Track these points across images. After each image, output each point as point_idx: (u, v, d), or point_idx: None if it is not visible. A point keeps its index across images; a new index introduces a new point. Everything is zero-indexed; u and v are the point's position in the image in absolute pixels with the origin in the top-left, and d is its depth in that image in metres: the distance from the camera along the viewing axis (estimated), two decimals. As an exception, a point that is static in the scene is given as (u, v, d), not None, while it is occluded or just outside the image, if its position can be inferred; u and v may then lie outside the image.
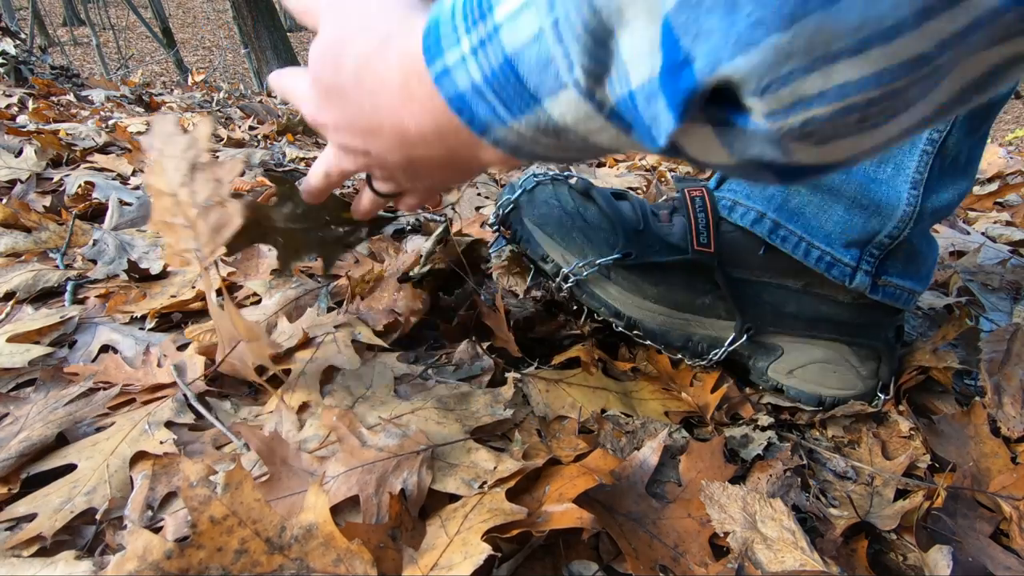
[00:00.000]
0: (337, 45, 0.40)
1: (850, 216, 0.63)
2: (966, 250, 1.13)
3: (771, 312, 0.68)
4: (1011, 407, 0.63)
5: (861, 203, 0.62)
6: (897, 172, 0.61)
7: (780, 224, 0.65)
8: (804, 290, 0.67)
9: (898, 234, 0.62)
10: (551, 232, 0.67)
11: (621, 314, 0.68)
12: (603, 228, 0.67)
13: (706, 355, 0.70)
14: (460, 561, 0.40)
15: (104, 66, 10.01)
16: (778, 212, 0.65)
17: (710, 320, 0.69)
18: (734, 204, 0.68)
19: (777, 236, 0.65)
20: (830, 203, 0.64)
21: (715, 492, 0.50)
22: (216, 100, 3.04)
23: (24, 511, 0.47)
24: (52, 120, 1.88)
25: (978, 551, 0.50)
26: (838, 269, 0.64)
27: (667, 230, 0.68)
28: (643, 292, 0.67)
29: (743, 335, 0.68)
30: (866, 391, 0.69)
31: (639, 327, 0.69)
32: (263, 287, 0.81)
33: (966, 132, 0.61)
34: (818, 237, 0.64)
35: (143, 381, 0.64)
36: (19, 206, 1.02)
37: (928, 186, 0.61)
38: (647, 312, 0.68)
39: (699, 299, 0.68)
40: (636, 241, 0.66)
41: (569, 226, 0.67)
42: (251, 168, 1.54)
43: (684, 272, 0.67)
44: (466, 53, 0.31)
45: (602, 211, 0.68)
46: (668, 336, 0.70)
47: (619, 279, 0.67)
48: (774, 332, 0.69)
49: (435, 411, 0.58)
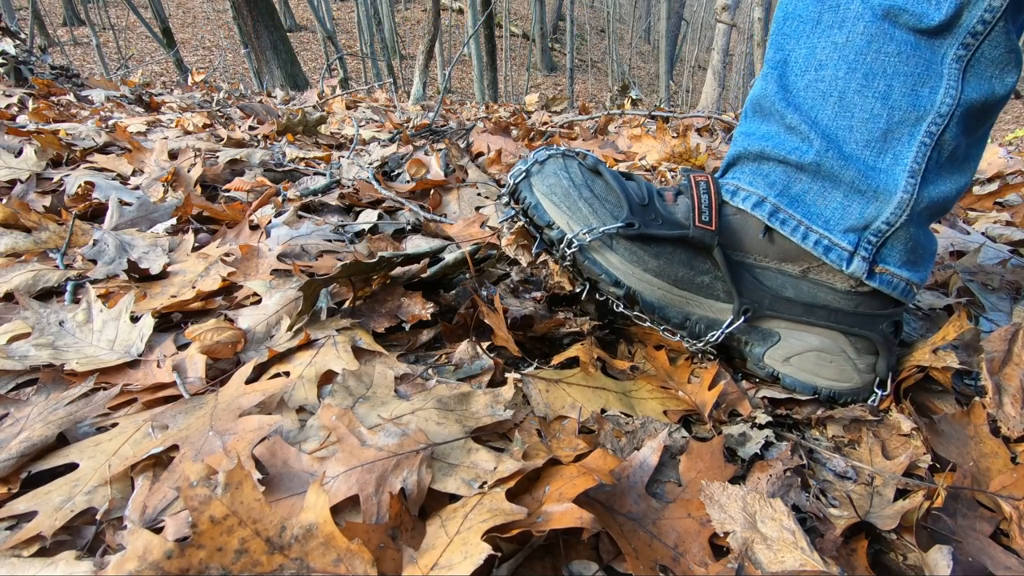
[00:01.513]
0: None
1: (849, 202, 0.64)
2: (966, 250, 1.13)
3: (769, 296, 0.69)
4: (1011, 407, 0.63)
5: (859, 188, 0.64)
6: (896, 161, 0.63)
7: (780, 208, 0.67)
8: (802, 276, 0.68)
9: (895, 220, 0.63)
10: (558, 201, 0.69)
11: (621, 283, 0.69)
12: (609, 200, 0.69)
13: (703, 336, 0.71)
14: (460, 561, 0.40)
15: (104, 66, 10.01)
16: (779, 197, 0.67)
17: (708, 301, 0.70)
18: (737, 189, 0.70)
19: (777, 219, 0.67)
20: (830, 189, 0.65)
21: (715, 492, 0.50)
22: (216, 100, 3.04)
23: (24, 508, 0.47)
24: (52, 120, 1.88)
25: (978, 551, 0.50)
26: (836, 253, 0.65)
27: (671, 208, 0.70)
28: (644, 264, 0.68)
29: (741, 317, 0.69)
30: (863, 385, 0.69)
31: (638, 299, 0.70)
32: (263, 287, 0.81)
33: (963, 130, 0.62)
34: (817, 221, 0.66)
35: (143, 381, 0.64)
36: (19, 206, 1.02)
37: (925, 176, 0.62)
38: (646, 284, 0.69)
39: (699, 277, 0.69)
40: (640, 213, 0.68)
41: (576, 196, 0.68)
42: (251, 168, 1.54)
43: (685, 249, 0.69)
44: None
45: (609, 185, 0.70)
46: (666, 311, 0.70)
47: (621, 248, 0.68)
48: (771, 317, 0.70)
49: (435, 411, 0.58)
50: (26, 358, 0.65)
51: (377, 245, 1.05)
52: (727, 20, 8.11)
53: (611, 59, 19.98)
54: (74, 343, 0.69)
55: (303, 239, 1.03)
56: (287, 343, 0.69)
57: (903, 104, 0.61)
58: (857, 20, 0.62)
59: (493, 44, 8.49)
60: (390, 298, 0.80)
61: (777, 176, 0.67)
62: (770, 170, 0.68)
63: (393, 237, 1.13)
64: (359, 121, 2.79)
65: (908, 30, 0.60)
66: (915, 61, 0.61)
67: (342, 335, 0.70)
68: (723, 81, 8.28)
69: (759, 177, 0.69)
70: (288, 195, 1.31)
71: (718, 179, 0.73)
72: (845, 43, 0.62)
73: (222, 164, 1.50)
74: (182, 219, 1.13)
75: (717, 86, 8.20)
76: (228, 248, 0.94)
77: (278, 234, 1.03)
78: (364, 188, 1.36)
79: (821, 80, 0.64)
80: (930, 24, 0.59)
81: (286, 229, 1.06)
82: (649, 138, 1.98)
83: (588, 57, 22.18)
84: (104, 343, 0.70)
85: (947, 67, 0.61)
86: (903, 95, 0.61)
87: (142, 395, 0.62)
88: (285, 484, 0.48)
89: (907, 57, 0.61)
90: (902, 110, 0.61)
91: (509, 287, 0.90)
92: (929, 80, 0.61)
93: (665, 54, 14.74)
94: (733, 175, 0.72)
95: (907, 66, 0.61)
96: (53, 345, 0.68)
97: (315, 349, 0.68)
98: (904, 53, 0.61)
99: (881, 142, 0.63)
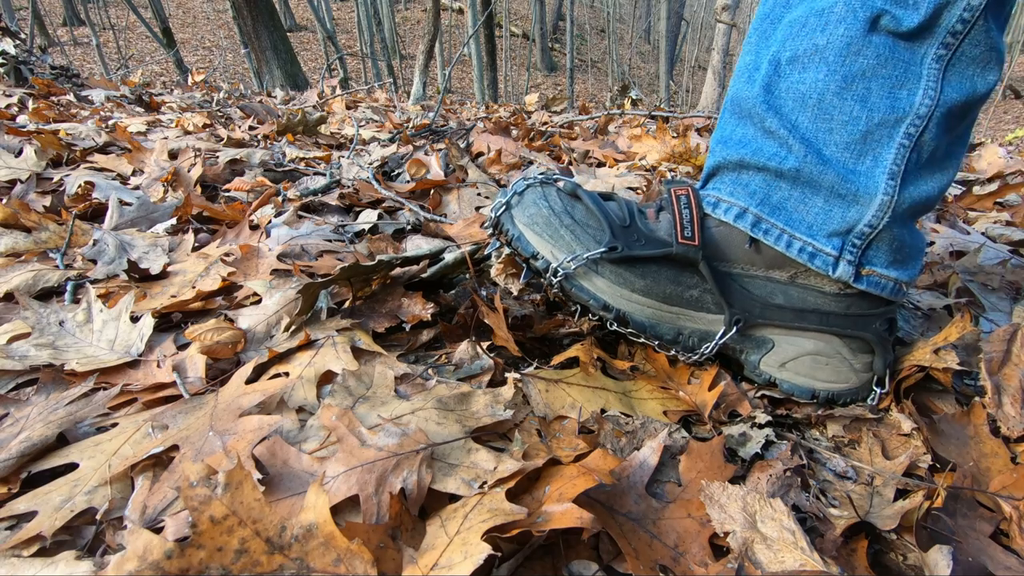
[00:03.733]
0: None
1: (830, 207, 0.64)
2: (966, 250, 1.13)
3: (759, 304, 0.69)
4: (1011, 407, 0.63)
5: (840, 193, 0.64)
6: (875, 163, 0.63)
7: (762, 218, 0.67)
8: (791, 282, 0.68)
9: (877, 223, 0.63)
10: (540, 231, 0.69)
11: (610, 307, 0.69)
12: (590, 225, 0.69)
13: (697, 349, 0.71)
14: (460, 561, 0.40)
15: (104, 66, 10.01)
16: (760, 206, 0.67)
17: (699, 314, 0.70)
18: (718, 201, 0.70)
19: (760, 229, 0.67)
20: (810, 195, 0.65)
21: (715, 492, 0.50)
22: (216, 100, 3.04)
23: (24, 508, 0.47)
24: (52, 120, 1.88)
25: (978, 551, 0.50)
26: (820, 259, 0.65)
27: (653, 226, 0.70)
28: (631, 285, 0.68)
29: (733, 327, 0.69)
30: (860, 384, 0.69)
31: (629, 320, 0.70)
32: (263, 287, 0.81)
33: (943, 129, 0.62)
34: (800, 228, 0.66)
35: (143, 381, 0.64)
36: (19, 206, 1.02)
37: (905, 178, 0.63)
38: (635, 305, 0.69)
39: (687, 292, 0.69)
40: (622, 236, 0.68)
41: (557, 224, 0.68)
42: (251, 168, 1.54)
43: (670, 266, 0.69)
44: None
45: (589, 209, 0.70)
46: (658, 329, 0.70)
47: (606, 272, 0.68)
48: (764, 324, 0.70)
49: (435, 411, 0.58)
50: (26, 358, 0.65)
51: (377, 245, 1.05)
52: (727, 20, 8.11)
53: (611, 59, 19.98)
54: (74, 343, 0.69)
55: (303, 239, 1.03)
56: (287, 343, 0.69)
57: (881, 107, 0.61)
58: (839, 23, 0.61)
59: (493, 44, 8.50)
60: (390, 298, 0.80)
61: (757, 185, 0.67)
62: (750, 179, 0.68)
63: (393, 237, 1.13)
64: (359, 121, 2.79)
65: (887, 33, 0.60)
66: (893, 63, 0.61)
67: (342, 335, 0.70)
68: (723, 81, 8.27)
69: (739, 187, 0.69)
70: (288, 195, 1.31)
71: (699, 190, 0.73)
72: (826, 45, 0.62)
73: (222, 164, 1.50)
74: (182, 219, 1.13)
75: (717, 86, 8.20)
76: (228, 248, 0.94)
77: (278, 234, 1.03)
78: (364, 188, 1.36)
79: (802, 83, 0.64)
80: (909, 27, 0.59)
81: (286, 229, 1.06)
82: (649, 138, 1.98)
83: (588, 57, 22.18)
84: (104, 343, 0.70)
85: (926, 68, 0.61)
86: (881, 98, 0.61)
87: (142, 395, 0.62)
88: (285, 484, 0.48)
89: (885, 60, 0.61)
90: (881, 112, 0.61)
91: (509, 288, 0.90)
92: (907, 82, 0.61)
93: (665, 54, 14.75)
94: (714, 186, 0.72)
95: (885, 68, 0.61)
96: (53, 345, 0.68)
97: (315, 349, 0.68)
98: (882, 56, 0.61)
99: (860, 144, 0.63)
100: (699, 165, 1.79)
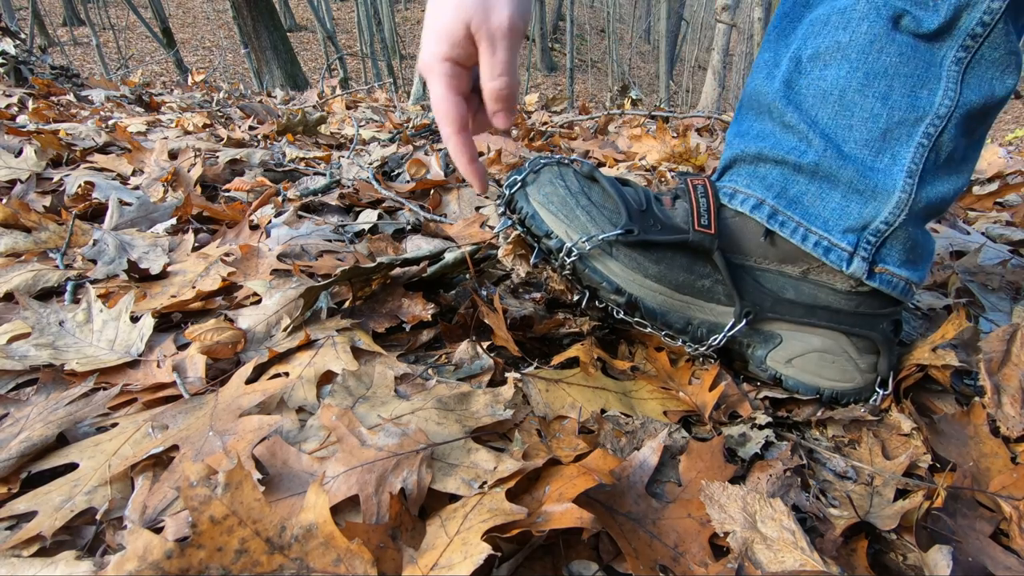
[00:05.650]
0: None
1: (847, 202, 0.65)
2: (966, 250, 1.13)
3: (770, 298, 0.69)
4: (1011, 407, 0.63)
5: (858, 188, 0.64)
6: (894, 161, 0.63)
7: (779, 210, 0.67)
8: (803, 277, 0.68)
9: (894, 220, 0.63)
10: (555, 210, 0.68)
11: (622, 290, 0.69)
12: (606, 207, 0.68)
13: (705, 340, 0.71)
14: (460, 561, 0.40)
15: (104, 66, 10.01)
16: (777, 199, 0.67)
17: (710, 305, 0.70)
18: (734, 191, 0.70)
19: (776, 221, 0.67)
20: (828, 190, 0.65)
21: (715, 492, 0.50)
22: (216, 100, 3.04)
23: (24, 508, 0.47)
24: (52, 120, 1.88)
25: (978, 551, 0.50)
26: (835, 254, 0.65)
27: (670, 213, 0.70)
28: (644, 270, 0.68)
29: (742, 320, 0.69)
30: (864, 385, 0.69)
31: (639, 306, 0.69)
32: (263, 287, 0.81)
33: (961, 131, 0.63)
34: (816, 222, 0.66)
35: (143, 381, 0.64)
36: (19, 206, 1.02)
37: (923, 177, 0.63)
38: (647, 291, 0.69)
39: (699, 282, 0.69)
40: (639, 220, 0.68)
41: (573, 204, 0.68)
42: (251, 168, 1.54)
43: (685, 253, 0.68)
44: None
45: (606, 192, 0.69)
46: (668, 317, 0.70)
47: (620, 255, 0.68)
48: (773, 319, 0.70)
49: (435, 411, 0.58)
50: (26, 358, 0.65)
51: (377, 245, 1.05)
52: (727, 20, 8.11)
53: (611, 59, 19.99)
54: (74, 343, 0.69)
55: (303, 239, 1.03)
56: (286, 343, 0.69)
57: (902, 105, 0.62)
58: (862, 20, 0.62)
59: (493, 44, 8.46)
60: (390, 298, 0.80)
61: (775, 178, 0.67)
62: (767, 172, 0.68)
63: (393, 237, 1.13)
64: (359, 121, 2.79)
65: (909, 33, 0.61)
66: (915, 63, 0.61)
67: (341, 335, 0.70)
68: (723, 81, 8.27)
69: (756, 179, 0.69)
70: (288, 195, 1.31)
71: (715, 182, 0.73)
72: (849, 43, 0.63)
73: (222, 164, 1.50)
74: (182, 219, 1.13)
75: (717, 86, 8.20)
76: (228, 248, 0.94)
77: (278, 234, 1.03)
78: (364, 188, 1.36)
79: (823, 79, 0.64)
80: (929, 28, 0.60)
81: (286, 229, 1.06)
82: (649, 138, 1.98)
83: (588, 57, 22.18)
84: (104, 343, 0.70)
85: (946, 70, 0.61)
86: (902, 96, 0.62)
87: (142, 395, 0.62)
88: (285, 484, 0.48)
89: (907, 59, 0.61)
90: (901, 111, 0.62)
91: (509, 287, 0.90)
92: (928, 82, 0.61)
93: (665, 54, 14.74)
94: (730, 178, 0.72)
95: (907, 67, 0.61)
96: (53, 345, 0.68)
97: (315, 349, 0.68)
98: (905, 55, 0.61)
99: (880, 142, 0.63)
100: (699, 165, 1.79)
